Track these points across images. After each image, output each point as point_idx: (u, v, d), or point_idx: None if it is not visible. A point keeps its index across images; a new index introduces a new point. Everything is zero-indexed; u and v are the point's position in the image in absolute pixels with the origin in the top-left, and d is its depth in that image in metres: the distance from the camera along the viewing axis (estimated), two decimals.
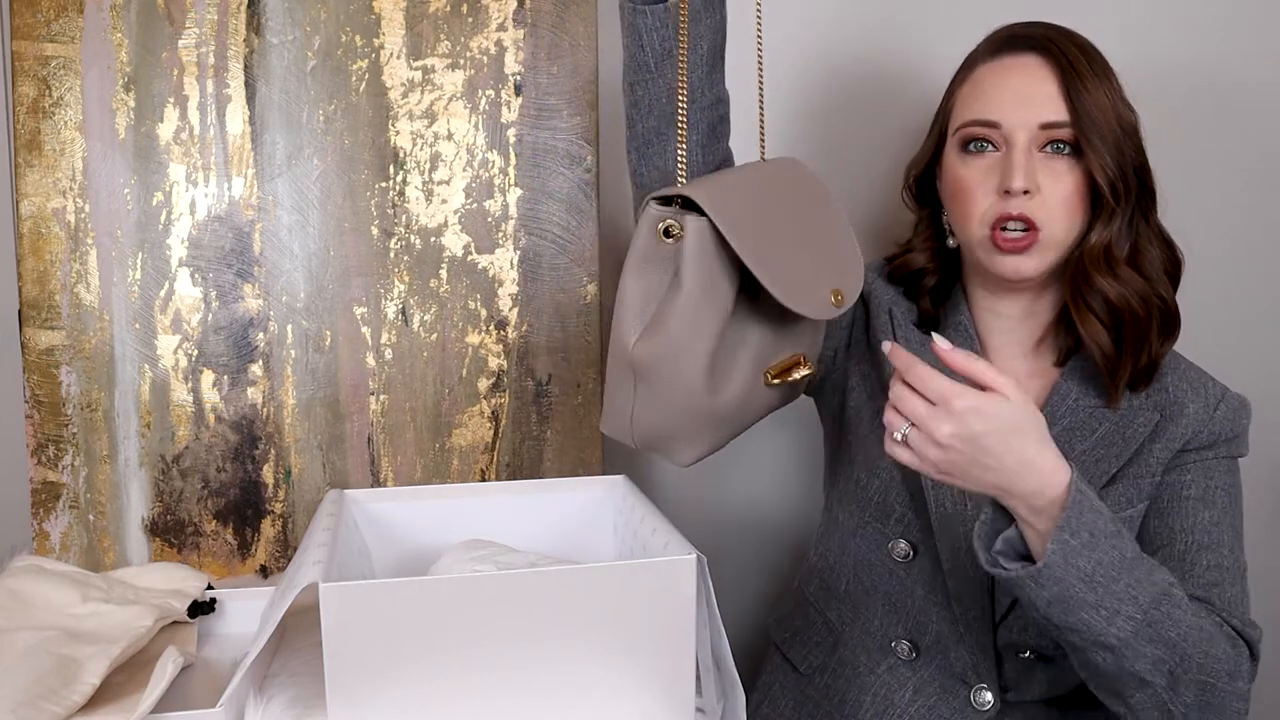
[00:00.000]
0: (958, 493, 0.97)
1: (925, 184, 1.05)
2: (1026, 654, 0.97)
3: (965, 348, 0.98)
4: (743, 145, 1.00)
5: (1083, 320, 0.95)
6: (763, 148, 0.99)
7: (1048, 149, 0.94)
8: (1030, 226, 0.93)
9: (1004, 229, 0.94)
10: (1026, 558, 0.84)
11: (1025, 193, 0.92)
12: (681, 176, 0.90)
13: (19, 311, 1.12)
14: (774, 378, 0.86)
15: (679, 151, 0.92)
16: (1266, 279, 1.43)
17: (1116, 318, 0.94)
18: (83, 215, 1.12)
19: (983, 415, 0.78)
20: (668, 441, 0.87)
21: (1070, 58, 0.93)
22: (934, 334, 0.83)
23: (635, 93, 0.96)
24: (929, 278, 1.04)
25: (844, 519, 1.06)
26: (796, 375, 0.88)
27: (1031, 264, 0.94)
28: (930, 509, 0.98)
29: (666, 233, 0.82)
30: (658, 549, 0.86)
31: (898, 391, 0.80)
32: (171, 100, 1.13)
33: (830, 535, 1.09)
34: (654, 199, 0.84)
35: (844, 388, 1.08)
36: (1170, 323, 0.97)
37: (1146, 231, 0.96)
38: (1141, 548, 0.90)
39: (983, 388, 0.79)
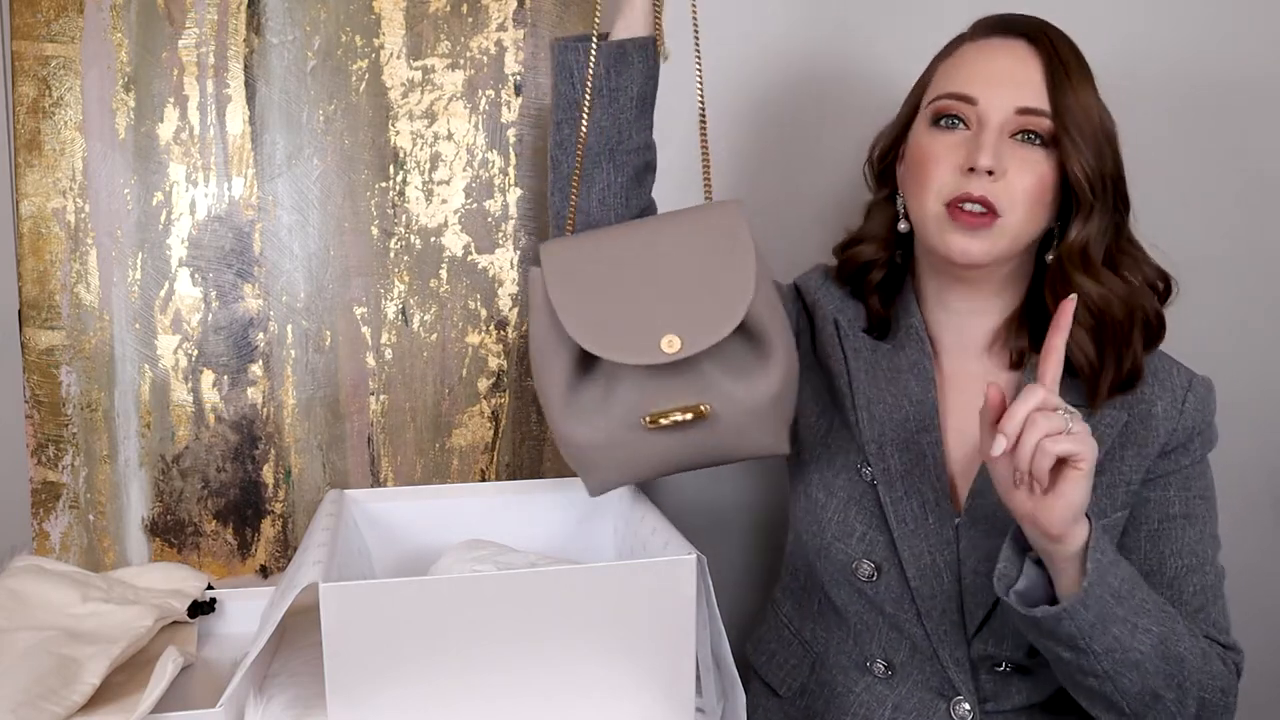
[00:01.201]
0: (917, 507, 0.96)
1: (888, 164, 1.02)
2: (1003, 666, 0.96)
3: (917, 352, 0.99)
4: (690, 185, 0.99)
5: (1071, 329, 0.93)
6: (707, 186, 0.98)
7: (1019, 136, 0.91)
8: (989, 209, 0.90)
9: (962, 206, 0.91)
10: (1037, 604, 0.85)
11: (990, 174, 0.89)
12: (570, 219, 0.96)
13: (19, 311, 1.12)
14: (650, 422, 0.86)
15: (572, 198, 0.96)
16: (1266, 280, 1.43)
17: (1098, 320, 0.92)
18: (83, 215, 1.12)
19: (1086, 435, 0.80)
20: (572, 466, 0.92)
21: (1059, 51, 0.91)
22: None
23: (562, 131, 0.98)
24: (876, 271, 1.02)
25: (807, 539, 1.03)
26: (673, 419, 0.86)
27: (980, 247, 0.91)
28: (891, 526, 0.96)
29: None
30: (658, 549, 0.87)
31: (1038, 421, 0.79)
32: (171, 100, 1.13)
33: (797, 556, 1.08)
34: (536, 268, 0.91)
35: (796, 404, 1.07)
36: (1154, 331, 0.95)
37: (1123, 244, 0.94)
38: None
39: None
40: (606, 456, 0.89)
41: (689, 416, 0.86)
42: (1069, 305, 0.82)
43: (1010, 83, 0.91)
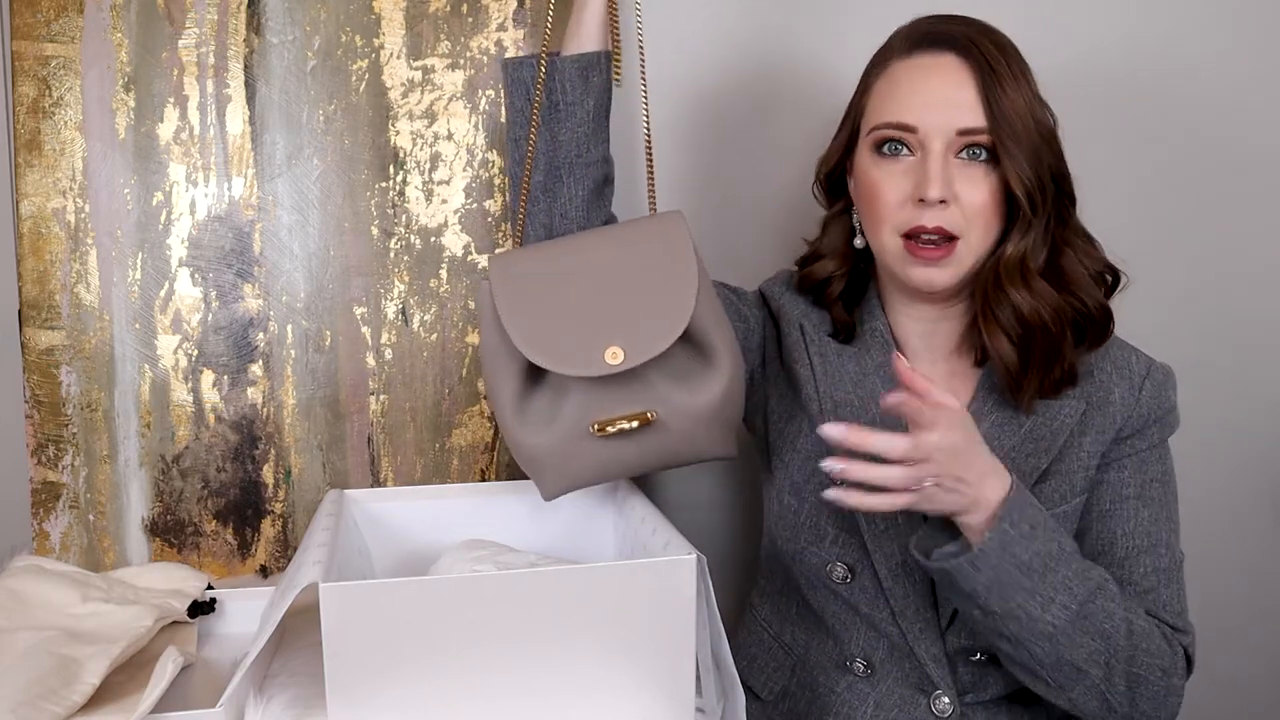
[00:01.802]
0: None
1: (836, 180, 1.02)
2: (978, 656, 0.97)
3: (883, 355, 1.00)
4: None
5: (989, 332, 0.93)
6: (651, 198, 1.00)
7: (964, 154, 0.91)
8: (946, 237, 0.91)
9: (919, 239, 0.91)
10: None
11: (942, 202, 0.90)
12: (516, 233, 0.99)
13: (19, 311, 1.12)
14: (598, 430, 0.88)
15: (520, 203, 0.99)
16: (1267, 280, 1.43)
17: (1026, 330, 0.92)
18: (83, 215, 1.12)
19: (947, 450, 0.80)
20: (529, 474, 0.94)
21: (989, 58, 0.90)
22: (896, 354, 0.85)
23: (520, 148, 1.01)
24: (836, 284, 1.02)
25: (781, 544, 1.04)
26: (620, 428, 0.88)
27: (945, 275, 0.92)
28: (862, 527, 0.97)
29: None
30: (658, 549, 0.87)
31: (878, 473, 0.81)
32: (171, 100, 1.13)
33: (773, 559, 1.08)
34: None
35: (765, 410, 1.07)
36: (1094, 330, 0.95)
37: (1066, 235, 0.94)
38: (1082, 549, 0.93)
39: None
40: (558, 463, 0.91)
41: (635, 424, 0.88)
42: (903, 368, 0.82)
43: (947, 104, 0.90)
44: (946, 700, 0.97)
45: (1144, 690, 0.89)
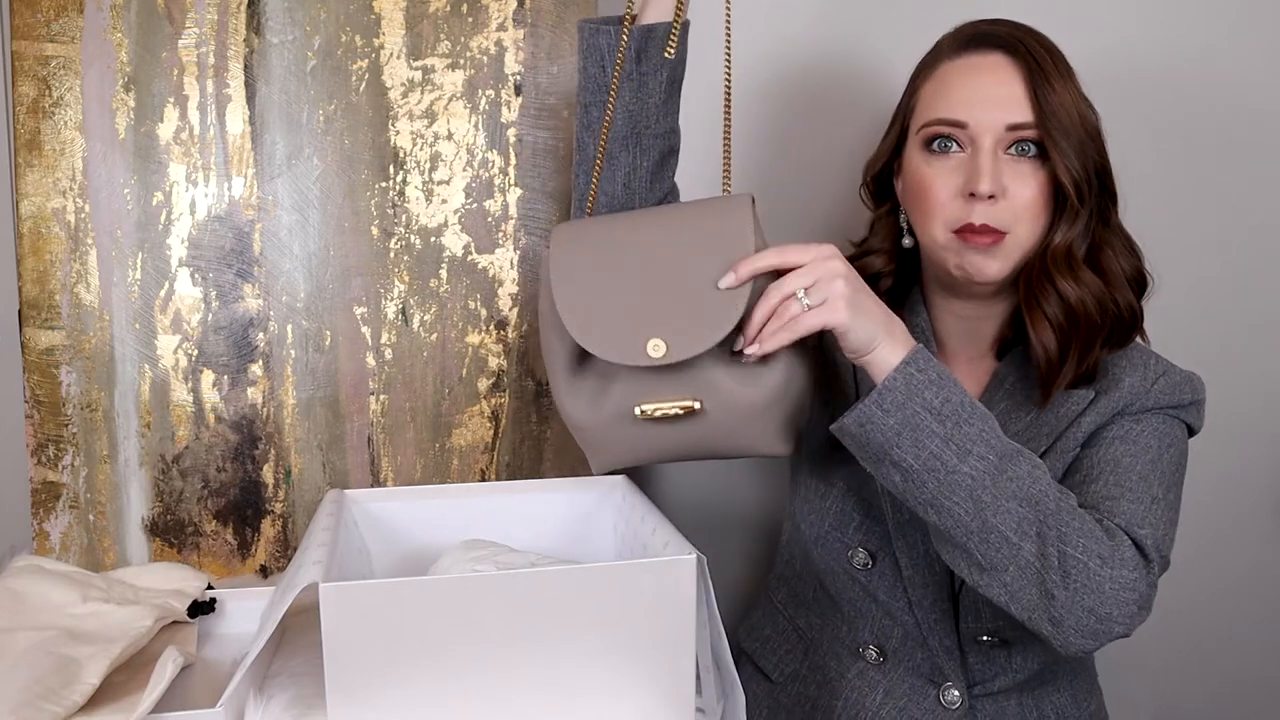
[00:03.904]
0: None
1: (884, 182, 1.04)
2: (986, 638, 0.98)
3: (924, 342, 1.00)
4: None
5: (1034, 320, 0.93)
6: (726, 178, 0.98)
7: (1013, 150, 0.92)
8: (996, 231, 0.92)
9: (972, 230, 0.93)
10: None
11: (991, 197, 0.91)
12: (590, 202, 0.98)
13: (19, 311, 1.12)
14: (642, 414, 0.87)
15: (595, 173, 0.98)
16: (1267, 281, 1.43)
17: (1071, 320, 0.93)
18: (83, 215, 1.12)
19: (841, 262, 0.84)
20: (580, 445, 0.94)
21: (1036, 57, 0.92)
22: (722, 279, 0.85)
23: (590, 114, 0.99)
24: (884, 280, 1.03)
25: (805, 529, 1.05)
26: (663, 414, 0.87)
27: (996, 266, 0.93)
28: (887, 516, 0.98)
29: None
30: (658, 549, 0.87)
31: (775, 285, 0.84)
32: (171, 100, 1.13)
33: (794, 544, 1.10)
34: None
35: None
36: (1126, 329, 0.95)
37: (1106, 234, 0.95)
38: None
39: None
40: (603, 440, 0.91)
41: (679, 412, 0.87)
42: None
43: (996, 101, 0.92)
44: (956, 692, 0.98)
45: (1080, 577, 0.82)
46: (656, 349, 0.85)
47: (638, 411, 0.87)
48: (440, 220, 1.18)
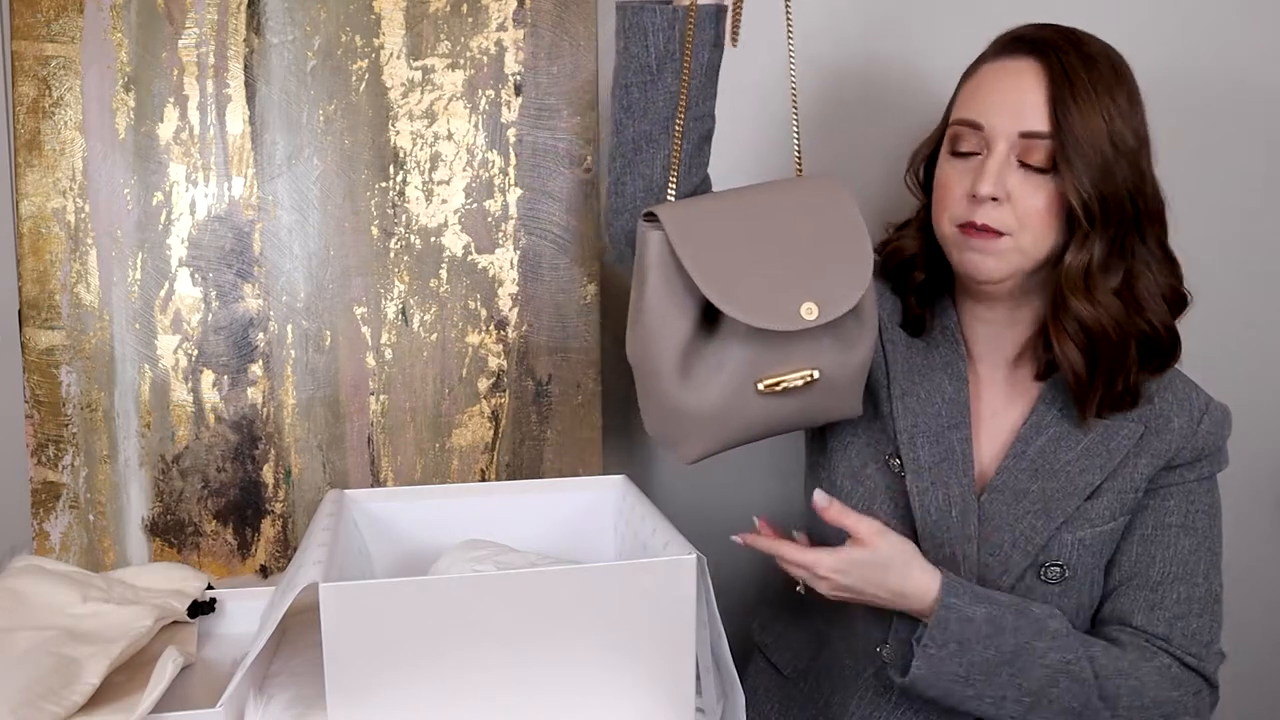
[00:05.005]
0: (942, 499, 0.98)
1: (929, 171, 1.03)
2: None
3: (951, 353, 1.02)
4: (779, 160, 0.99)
5: (1058, 338, 0.94)
6: (798, 161, 1.01)
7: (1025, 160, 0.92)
8: (993, 232, 0.92)
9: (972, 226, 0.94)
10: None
11: (994, 200, 0.91)
12: (672, 183, 0.96)
13: (19, 311, 1.12)
14: (765, 388, 0.89)
15: (674, 154, 0.96)
16: (1269, 281, 1.43)
17: (1090, 339, 0.93)
18: (83, 215, 1.12)
19: (845, 572, 0.91)
20: (667, 436, 0.93)
21: (1067, 66, 0.90)
22: (816, 491, 0.93)
23: (630, 95, 0.97)
24: (918, 272, 1.03)
25: (827, 526, 1.04)
26: (787, 385, 0.90)
27: (992, 264, 0.93)
28: (915, 514, 0.98)
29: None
30: (658, 549, 0.87)
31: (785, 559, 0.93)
32: (171, 100, 1.13)
33: (817, 541, 1.09)
34: (642, 218, 0.91)
35: None
36: (1161, 352, 0.95)
37: (1145, 255, 0.94)
38: (1118, 571, 0.97)
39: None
40: (712, 422, 0.91)
41: (801, 382, 0.90)
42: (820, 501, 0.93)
43: (1013, 107, 0.91)
44: None
45: None
46: (810, 311, 0.88)
47: (760, 386, 0.89)
48: (440, 220, 1.18)
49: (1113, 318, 0.92)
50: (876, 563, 0.90)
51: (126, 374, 1.13)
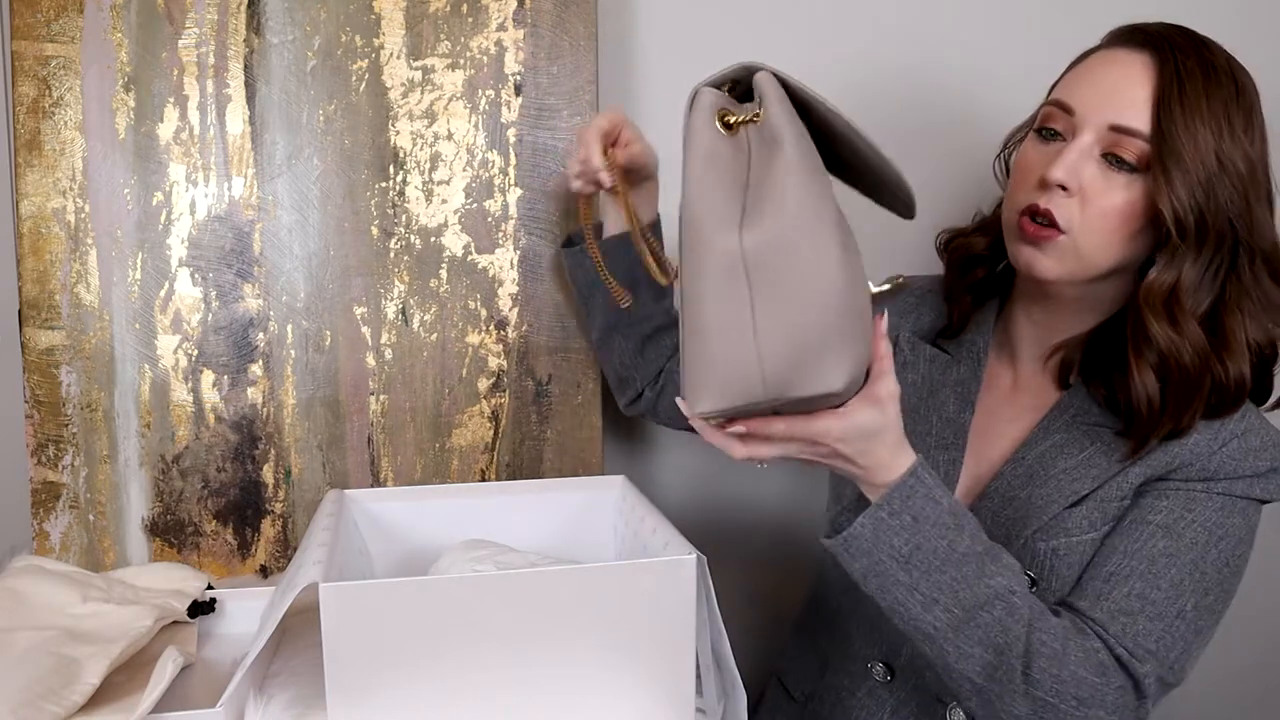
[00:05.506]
0: None
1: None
2: None
3: (968, 373, 1.00)
4: None
5: (1138, 367, 0.85)
6: None
7: (1110, 157, 0.85)
8: (1051, 224, 0.85)
9: (1031, 217, 0.87)
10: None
11: (1064, 189, 0.84)
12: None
13: (19, 311, 1.12)
14: (879, 294, 0.77)
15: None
16: None
17: (1164, 367, 0.84)
18: (83, 215, 1.12)
19: (847, 440, 0.75)
20: (816, 354, 0.68)
21: (1183, 68, 0.82)
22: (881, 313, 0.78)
23: (581, 305, 1.16)
24: (981, 269, 1.00)
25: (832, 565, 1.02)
26: (895, 285, 0.79)
27: (1046, 263, 0.87)
28: None
29: (726, 124, 0.70)
30: (658, 549, 0.87)
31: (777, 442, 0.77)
32: (171, 100, 1.13)
33: (821, 555, 1.09)
34: (706, 87, 0.71)
35: None
36: (1228, 400, 0.85)
37: (1237, 291, 0.85)
38: (1086, 568, 0.87)
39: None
40: (868, 317, 0.76)
41: (890, 286, 0.78)
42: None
43: (1112, 97, 0.84)
44: (962, 714, 0.96)
45: (1051, 716, 0.80)
46: (908, 210, 0.79)
47: (874, 289, 0.76)
48: (440, 220, 1.18)
49: (1194, 349, 0.83)
50: (886, 427, 0.76)
51: (126, 374, 1.13)
